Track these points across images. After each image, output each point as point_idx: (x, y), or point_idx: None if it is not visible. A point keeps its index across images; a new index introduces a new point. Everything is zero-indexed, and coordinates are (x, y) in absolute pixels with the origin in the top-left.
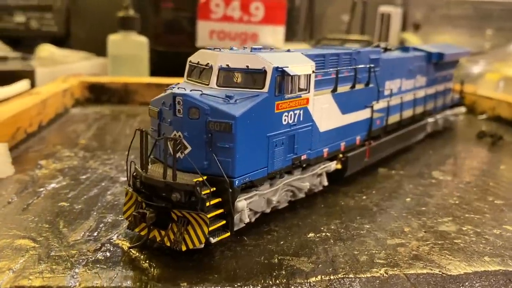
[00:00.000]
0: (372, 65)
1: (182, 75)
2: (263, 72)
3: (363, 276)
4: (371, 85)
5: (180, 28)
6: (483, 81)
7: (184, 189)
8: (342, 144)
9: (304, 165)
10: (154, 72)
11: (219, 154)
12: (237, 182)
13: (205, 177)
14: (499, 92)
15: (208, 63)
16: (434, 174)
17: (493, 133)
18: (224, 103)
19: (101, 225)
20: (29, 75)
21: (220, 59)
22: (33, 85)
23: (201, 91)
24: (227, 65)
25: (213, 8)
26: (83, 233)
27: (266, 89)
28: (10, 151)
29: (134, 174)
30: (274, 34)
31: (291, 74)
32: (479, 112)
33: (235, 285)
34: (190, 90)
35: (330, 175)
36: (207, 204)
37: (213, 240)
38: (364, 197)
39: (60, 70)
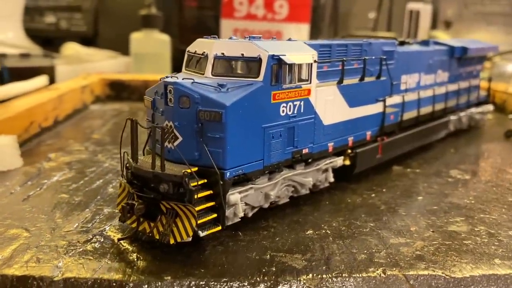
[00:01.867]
0: (384, 57)
1: None
2: (258, 60)
3: (358, 275)
4: (382, 78)
5: (204, 26)
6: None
7: (172, 180)
8: (350, 139)
9: (307, 160)
10: (177, 71)
11: (210, 144)
12: (228, 174)
13: (195, 169)
14: None
15: (204, 52)
16: (452, 173)
17: None
18: (215, 92)
19: (96, 217)
20: (49, 71)
21: (216, 47)
22: (52, 81)
23: (192, 79)
24: (222, 53)
25: (236, 6)
26: (76, 224)
27: (261, 77)
28: (22, 144)
29: (127, 165)
30: (299, 31)
31: (288, 62)
32: (509, 111)
33: (221, 281)
34: (182, 79)
35: (339, 172)
36: (196, 196)
37: (201, 234)
38: (373, 195)
39: (83, 68)
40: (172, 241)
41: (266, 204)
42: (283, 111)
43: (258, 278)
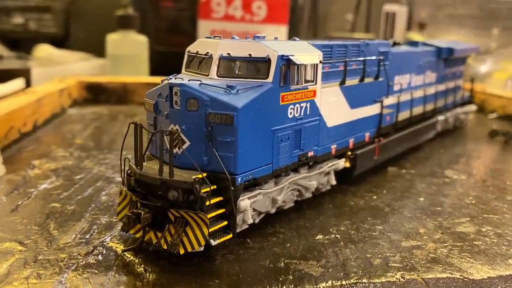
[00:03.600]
0: (382, 58)
1: None
2: (267, 61)
3: (377, 281)
4: (380, 79)
5: (181, 27)
6: (491, 80)
7: (181, 186)
8: (351, 141)
9: (310, 163)
10: (154, 73)
11: (220, 149)
12: (239, 180)
13: (204, 174)
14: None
15: (208, 52)
16: (447, 173)
17: (506, 131)
18: (225, 94)
19: (94, 227)
20: (25, 74)
21: (221, 47)
22: (28, 84)
23: (200, 81)
24: (228, 53)
25: (214, 7)
26: (74, 235)
27: (270, 79)
28: (2, 151)
29: (128, 171)
30: (277, 33)
31: (297, 63)
32: (488, 111)
33: None
34: (188, 80)
35: (338, 174)
36: (207, 203)
37: (213, 243)
38: (374, 197)
39: (58, 71)
40: (182, 251)
41: (273, 209)
42: (290, 113)
43: (276, 287)
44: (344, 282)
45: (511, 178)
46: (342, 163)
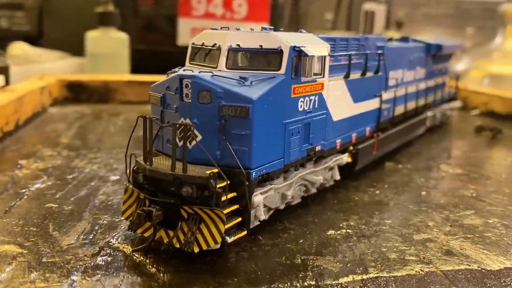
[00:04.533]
0: (381, 52)
1: (163, 74)
2: (279, 52)
3: (398, 274)
4: (380, 73)
5: (160, 25)
6: (468, 78)
7: (196, 182)
8: (354, 135)
9: (319, 157)
10: (133, 71)
11: (234, 142)
12: (254, 174)
13: (217, 169)
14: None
15: (215, 44)
16: (442, 168)
17: (492, 127)
18: (239, 85)
19: (96, 227)
20: (3, 71)
21: (230, 38)
22: (7, 82)
23: (211, 72)
24: (238, 45)
25: (194, 5)
26: (76, 236)
27: (282, 70)
28: None
29: (135, 168)
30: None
31: (309, 54)
32: (471, 107)
33: None
34: (199, 72)
35: (339, 169)
36: (223, 198)
37: (229, 240)
38: (377, 192)
39: (34, 69)
40: (196, 250)
41: (282, 205)
42: (300, 106)
43: (297, 284)
44: (365, 277)
45: (505, 171)
46: (345, 158)
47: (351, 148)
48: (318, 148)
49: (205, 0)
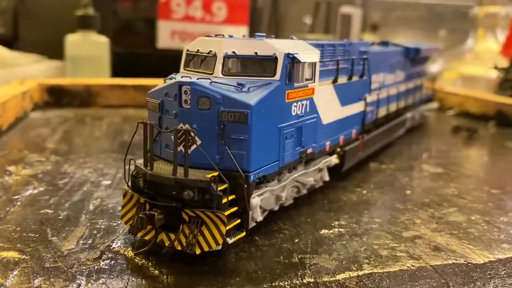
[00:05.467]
0: (366, 57)
1: (142, 77)
2: (274, 59)
3: (391, 270)
4: (364, 77)
5: (139, 28)
6: (442, 79)
7: (197, 186)
8: (341, 138)
9: (310, 160)
10: (113, 74)
11: (233, 146)
12: (252, 177)
13: (217, 173)
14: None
15: (211, 51)
16: (424, 167)
17: (468, 127)
18: (237, 92)
19: (94, 232)
20: None
21: (225, 46)
22: None
23: (209, 79)
24: (233, 52)
25: (174, 8)
26: (76, 241)
27: (277, 76)
28: None
29: (134, 173)
30: (237, 34)
31: (302, 61)
32: (446, 108)
33: (264, 287)
34: (197, 79)
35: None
36: (224, 200)
37: (230, 241)
38: (364, 192)
39: (12, 73)
40: (198, 251)
41: (276, 206)
42: (294, 110)
43: (297, 282)
44: (360, 273)
45: (483, 170)
46: (334, 160)
47: (338, 150)
48: (309, 150)
49: (185, 3)
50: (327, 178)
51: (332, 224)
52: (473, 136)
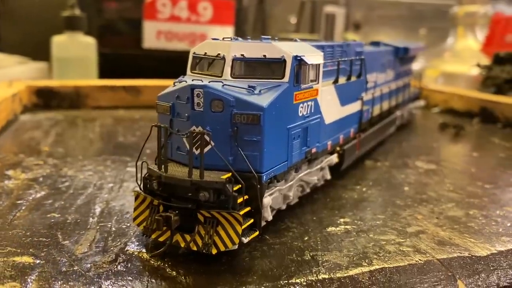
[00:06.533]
0: (363, 58)
1: (128, 77)
2: (282, 61)
3: (400, 264)
4: (361, 77)
5: (125, 29)
6: (424, 77)
7: (213, 187)
8: (341, 137)
9: (311, 159)
10: (99, 76)
11: (246, 148)
12: (265, 177)
13: (230, 174)
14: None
15: (219, 54)
16: (418, 164)
17: (455, 124)
18: (249, 94)
19: (105, 235)
20: None
21: (234, 49)
22: None
23: (221, 82)
24: (242, 55)
25: (159, 8)
26: (89, 244)
27: (286, 78)
28: None
29: (147, 175)
30: (223, 34)
31: (309, 63)
32: (431, 105)
33: (283, 283)
34: (209, 82)
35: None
36: (239, 200)
37: (245, 240)
38: (364, 189)
39: None
40: (214, 251)
41: (283, 205)
42: (300, 111)
43: (313, 278)
44: (372, 268)
45: (474, 165)
46: (335, 158)
47: (338, 148)
48: (314, 150)
49: (170, 3)
50: (329, 176)
51: (338, 222)
52: (460, 132)
